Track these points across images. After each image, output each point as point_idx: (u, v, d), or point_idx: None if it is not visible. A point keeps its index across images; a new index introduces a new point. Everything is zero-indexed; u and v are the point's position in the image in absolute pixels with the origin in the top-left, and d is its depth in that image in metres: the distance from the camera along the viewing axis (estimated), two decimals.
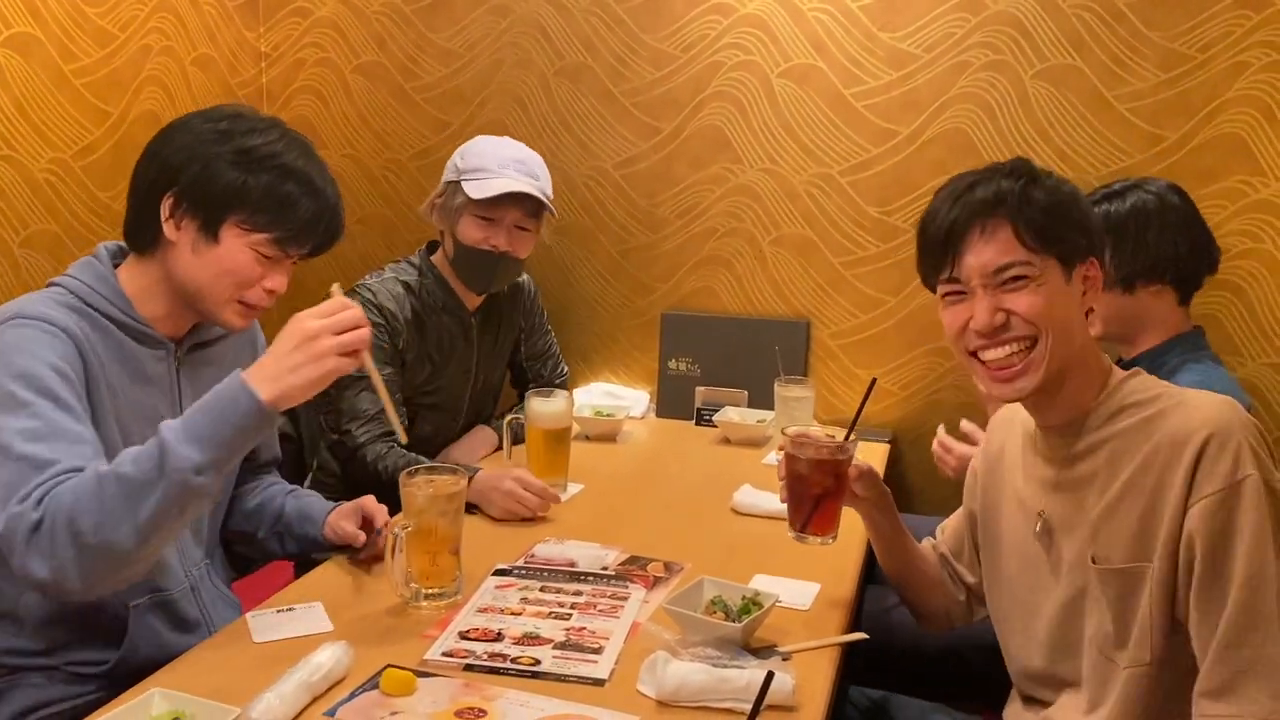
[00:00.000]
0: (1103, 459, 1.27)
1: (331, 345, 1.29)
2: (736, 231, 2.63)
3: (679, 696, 1.23)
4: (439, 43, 2.77)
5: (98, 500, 1.21)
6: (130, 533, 1.22)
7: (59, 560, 1.21)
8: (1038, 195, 1.27)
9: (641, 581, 1.60)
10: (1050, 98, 2.35)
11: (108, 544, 1.21)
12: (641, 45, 2.62)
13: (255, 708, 1.15)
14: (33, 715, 1.39)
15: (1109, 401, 1.28)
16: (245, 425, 1.26)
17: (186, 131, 1.42)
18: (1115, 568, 1.24)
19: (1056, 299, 1.26)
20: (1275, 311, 2.25)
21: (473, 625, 1.44)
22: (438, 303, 2.19)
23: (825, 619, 1.50)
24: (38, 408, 1.28)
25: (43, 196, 2.27)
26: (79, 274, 1.44)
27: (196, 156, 1.40)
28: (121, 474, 1.23)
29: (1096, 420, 1.28)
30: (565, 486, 2.02)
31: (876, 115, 2.47)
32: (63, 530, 1.21)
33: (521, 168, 2.12)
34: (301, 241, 1.46)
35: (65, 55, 2.29)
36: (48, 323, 1.34)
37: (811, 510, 1.51)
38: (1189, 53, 2.25)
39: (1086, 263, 1.29)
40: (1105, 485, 1.26)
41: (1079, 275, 1.28)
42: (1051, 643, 1.35)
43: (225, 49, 2.76)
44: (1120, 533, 1.24)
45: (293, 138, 1.46)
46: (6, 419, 1.27)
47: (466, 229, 2.12)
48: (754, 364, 2.55)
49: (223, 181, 1.39)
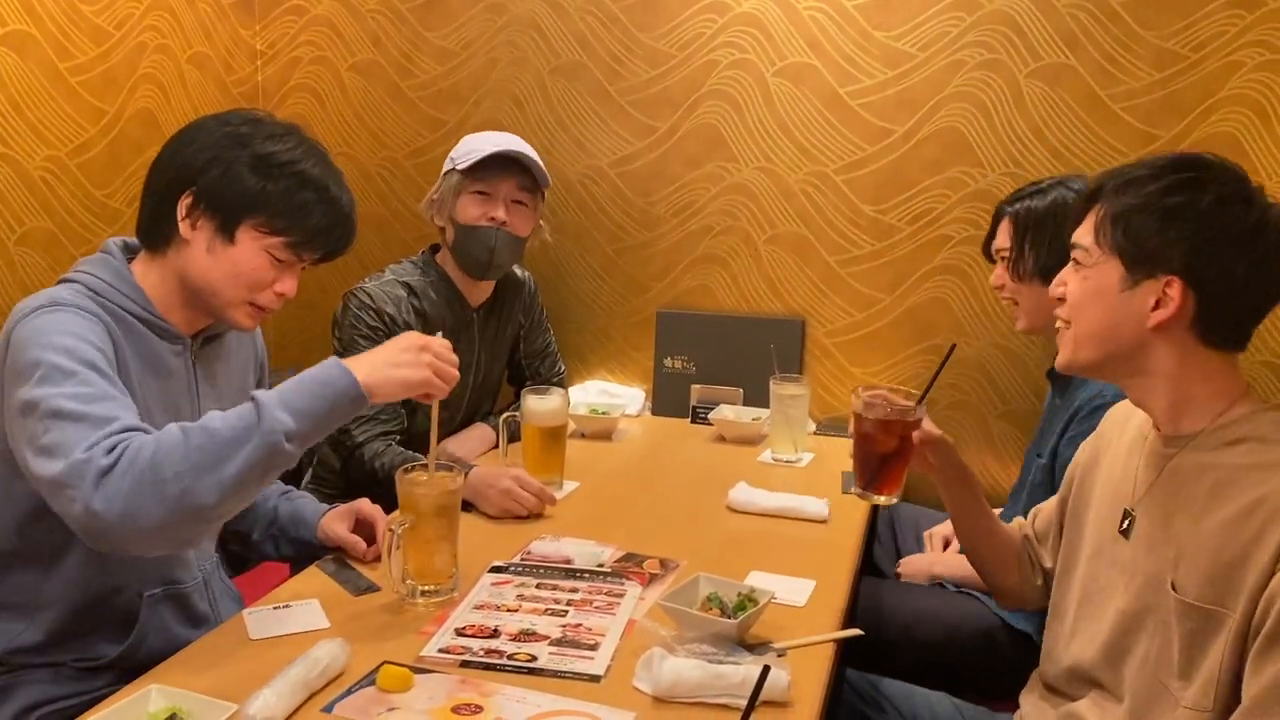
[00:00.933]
0: (1206, 485, 1.22)
1: (432, 360, 1.40)
2: (732, 230, 2.64)
3: (675, 693, 1.24)
4: (435, 41, 2.77)
5: (183, 449, 1.22)
6: (213, 486, 1.22)
7: (131, 505, 1.19)
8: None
9: (637, 578, 1.61)
10: (1044, 97, 2.36)
11: (188, 493, 1.21)
12: (637, 44, 2.62)
13: (252, 704, 1.15)
14: (37, 712, 1.40)
15: (1229, 427, 1.23)
16: (339, 403, 1.31)
17: (207, 133, 1.44)
18: (1195, 604, 1.19)
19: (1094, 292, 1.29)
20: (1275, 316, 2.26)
21: (469, 622, 1.44)
22: (442, 300, 2.20)
23: (821, 615, 1.50)
24: (85, 375, 1.29)
25: (38, 194, 2.27)
26: (96, 270, 1.45)
27: (218, 159, 1.42)
28: (211, 428, 1.24)
29: (1209, 442, 1.24)
30: (561, 484, 2.03)
31: (871, 114, 2.48)
32: (144, 473, 1.20)
33: (506, 141, 2.17)
34: (316, 247, 1.49)
35: (61, 53, 2.29)
36: (79, 308, 1.37)
37: (878, 469, 1.51)
38: (1182, 52, 2.26)
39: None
40: (1202, 513, 1.21)
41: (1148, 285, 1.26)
42: (1106, 646, 1.32)
43: (221, 47, 2.76)
44: (1204, 568, 1.19)
45: (310, 145, 1.48)
46: (56, 388, 1.27)
47: (464, 209, 2.14)
48: (749, 362, 2.56)
49: (242, 185, 1.42)
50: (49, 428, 1.25)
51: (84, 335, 1.34)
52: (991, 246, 2.12)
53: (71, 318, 1.35)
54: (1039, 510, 1.60)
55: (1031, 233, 1.98)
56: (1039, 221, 1.98)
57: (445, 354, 1.43)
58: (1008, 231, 2.03)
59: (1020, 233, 2.00)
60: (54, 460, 1.22)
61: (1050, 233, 1.95)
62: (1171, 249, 1.22)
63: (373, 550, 1.64)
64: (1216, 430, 1.24)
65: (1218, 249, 1.22)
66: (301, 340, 2.98)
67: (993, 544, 1.58)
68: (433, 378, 1.40)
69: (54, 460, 1.22)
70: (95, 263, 1.47)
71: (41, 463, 1.24)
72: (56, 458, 1.22)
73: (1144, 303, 1.24)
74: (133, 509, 1.19)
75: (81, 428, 1.24)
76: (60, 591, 1.42)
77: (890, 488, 1.53)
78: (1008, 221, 2.04)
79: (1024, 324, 2.05)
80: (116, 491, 1.19)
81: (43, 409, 1.26)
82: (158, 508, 1.20)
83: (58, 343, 1.31)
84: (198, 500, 1.21)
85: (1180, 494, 1.25)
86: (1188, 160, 1.28)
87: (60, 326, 1.33)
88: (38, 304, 1.37)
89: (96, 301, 1.41)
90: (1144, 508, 1.30)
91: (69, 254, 2.33)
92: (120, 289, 1.44)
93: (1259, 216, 1.23)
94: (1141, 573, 1.28)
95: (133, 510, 1.19)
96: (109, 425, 1.25)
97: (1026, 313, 2.03)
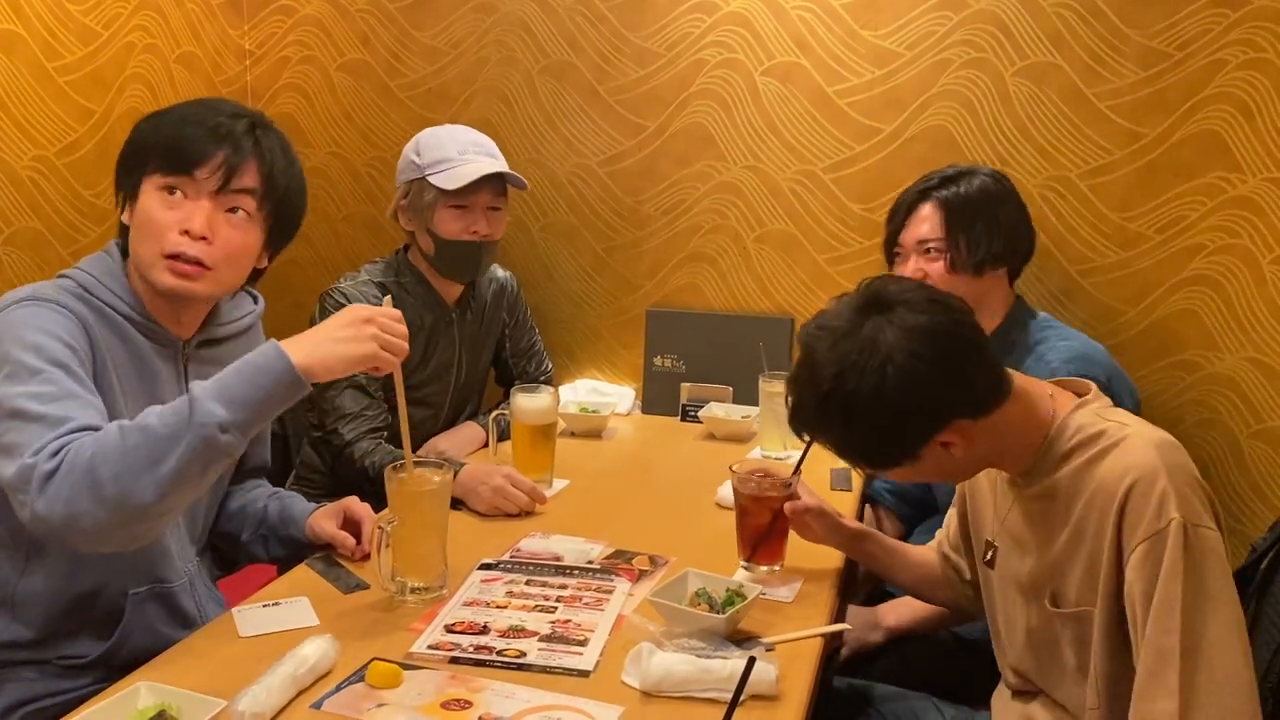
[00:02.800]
0: (1061, 500, 1.27)
1: (376, 332, 1.34)
2: (721, 228, 2.65)
3: (663, 687, 1.24)
4: (423, 40, 2.77)
5: (119, 450, 1.21)
6: (150, 485, 1.21)
7: (74, 506, 1.20)
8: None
9: (627, 574, 1.61)
10: (1031, 95, 2.37)
11: (126, 494, 1.21)
12: (625, 43, 2.63)
13: (241, 701, 1.16)
14: (22, 710, 1.40)
15: (1057, 443, 1.27)
16: (276, 388, 1.28)
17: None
18: (1069, 611, 1.26)
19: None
20: (1252, 306, 2.28)
21: (459, 619, 1.45)
22: (418, 300, 2.20)
23: (808, 611, 1.51)
24: (50, 374, 1.29)
25: (26, 194, 2.26)
26: (89, 267, 1.45)
27: (130, 140, 1.44)
28: (145, 425, 1.23)
29: (1048, 465, 1.28)
30: (551, 482, 2.03)
31: (859, 112, 2.49)
32: (81, 476, 1.20)
33: (481, 149, 2.16)
34: (184, 159, 1.40)
35: (48, 52, 2.28)
36: (58, 304, 1.36)
37: (757, 541, 1.61)
38: (1167, 50, 2.27)
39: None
40: (1058, 529, 1.27)
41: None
42: (1031, 656, 1.37)
43: (209, 47, 2.76)
44: (1071, 576, 1.26)
45: (223, 99, 1.50)
46: (19, 386, 1.27)
47: (443, 223, 2.13)
48: (738, 360, 2.56)
49: (135, 143, 1.43)
50: (9, 428, 1.26)
51: (55, 332, 1.33)
52: (903, 237, 2.06)
53: (47, 313, 1.34)
54: (948, 523, 1.62)
55: (966, 223, 1.96)
56: (972, 210, 1.96)
57: (392, 325, 1.37)
58: (937, 219, 2.00)
59: (953, 221, 1.97)
60: (10, 461, 1.24)
61: (984, 224, 1.94)
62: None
63: (360, 549, 1.64)
64: (1047, 451, 1.28)
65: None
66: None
67: (917, 576, 1.64)
68: (379, 351, 1.35)
69: (10, 461, 1.24)
70: (92, 260, 1.47)
71: (1, 462, 1.25)
72: (12, 459, 1.23)
73: None
74: (74, 511, 1.20)
75: (36, 429, 1.24)
76: (41, 587, 1.41)
77: (770, 558, 1.62)
78: (934, 207, 2.00)
79: None
80: (57, 495, 1.20)
81: (4, 407, 1.26)
82: (98, 509, 1.21)
83: (28, 339, 1.31)
84: (137, 500, 1.22)
85: (1040, 515, 1.31)
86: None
87: (34, 322, 1.33)
88: (18, 297, 1.37)
89: (81, 298, 1.40)
90: (1009, 534, 1.36)
91: (57, 254, 2.33)
92: (110, 287, 1.43)
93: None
94: (1029, 590, 1.34)
95: (74, 513, 1.20)
96: (62, 426, 1.24)
97: None
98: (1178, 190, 2.29)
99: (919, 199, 2.05)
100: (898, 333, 1.19)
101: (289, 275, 2.95)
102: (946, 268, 1.99)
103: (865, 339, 1.19)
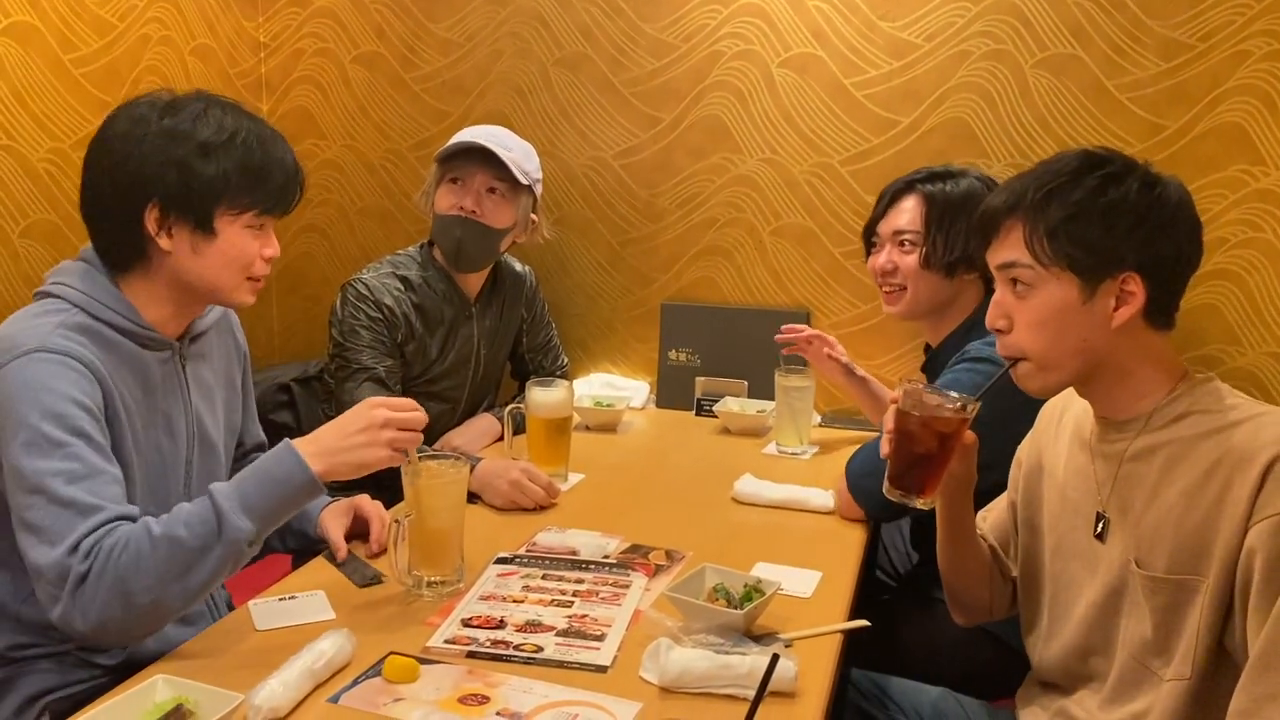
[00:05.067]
0: (1159, 462, 1.24)
1: (392, 436, 1.38)
2: (737, 222, 2.63)
3: (681, 683, 1.23)
4: (438, 33, 2.77)
5: (152, 563, 1.26)
6: (179, 593, 1.28)
7: (103, 617, 1.25)
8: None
9: (643, 569, 1.60)
10: (1051, 87, 2.35)
11: (157, 603, 1.27)
12: (641, 35, 2.61)
13: (258, 694, 1.15)
14: (41, 700, 1.40)
15: (1175, 404, 1.25)
16: (298, 498, 1.35)
17: (137, 141, 1.39)
18: (1164, 577, 1.22)
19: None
20: (1275, 301, 2.25)
21: (475, 613, 1.44)
22: (439, 293, 2.19)
23: (827, 607, 1.50)
24: (72, 449, 1.29)
25: (42, 186, 2.27)
26: (79, 285, 1.41)
27: (167, 163, 1.38)
28: (175, 537, 1.27)
29: (1159, 420, 1.26)
30: (566, 476, 2.03)
31: (877, 105, 2.47)
32: (112, 588, 1.24)
33: (488, 134, 2.16)
34: (283, 201, 1.48)
35: (64, 45, 2.28)
36: (69, 357, 1.33)
37: (922, 470, 1.38)
38: (1189, 42, 2.24)
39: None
40: (1157, 489, 1.24)
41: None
42: (1083, 638, 1.34)
43: (224, 39, 2.75)
44: (1169, 540, 1.22)
45: (222, 104, 1.46)
46: (44, 461, 1.28)
47: (440, 198, 2.16)
48: (754, 354, 2.55)
49: (202, 179, 1.39)
50: (33, 504, 1.27)
51: (71, 394, 1.31)
52: (880, 225, 2.04)
53: (61, 371, 1.32)
54: (986, 518, 1.57)
55: (947, 222, 1.93)
56: (953, 209, 1.93)
57: (406, 419, 1.40)
58: (917, 213, 1.97)
59: (934, 219, 1.94)
60: (38, 545, 1.26)
61: (964, 224, 1.89)
62: (1123, 246, 1.23)
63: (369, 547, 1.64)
64: (1160, 410, 1.26)
65: (1161, 233, 1.24)
66: (306, 332, 2.98)
67: (972, 559, 1.52)
68: (392, 456, 1.39)
69: (38, 545, 1.26)
70: (77, 275, 1.42)
71: (26, 539, 1.28)
72: (40, 543, 1.26)
73: (1105, 307, 1.25)
74: (103, 620, 1.25)
75: (66, 516, 1.26)
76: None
77: (930, 490, 1.40)
78: (918, 201, 1.98)
79: (904, 310, 2.01)
80: (90, 604, 1.24)
81: (30, 482, 1.27)
82: (127, 617, 1.26)
83: (46, 405, 1.29)
84: (166, 607, 1.28)
85: (1134, 476, 1.27)
86: (1093, 157, 1.29)
87: (49, 382, 1.30)
88: (24, 347, 1.32)
89: (83, 328, 1.37)
90: (1114, 504, 1.31)
91: (72, 246, 2.33)
92: (106, 303, 1.40)
93: (1174, 192, 1.26)
94: (1105, 560, 1.30)
95: (103, 620, 1.25)
96: (92, 517, 1.27)
97: (914, 300, 1.99)
98: (1200, 184, 2.26)
99: (904, 189, 2.03)
100: (1176, 180, 1.27)
101: (304, 269, 2.95)
102: (919, 261, 1.97)
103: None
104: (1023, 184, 1.29)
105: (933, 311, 2.03)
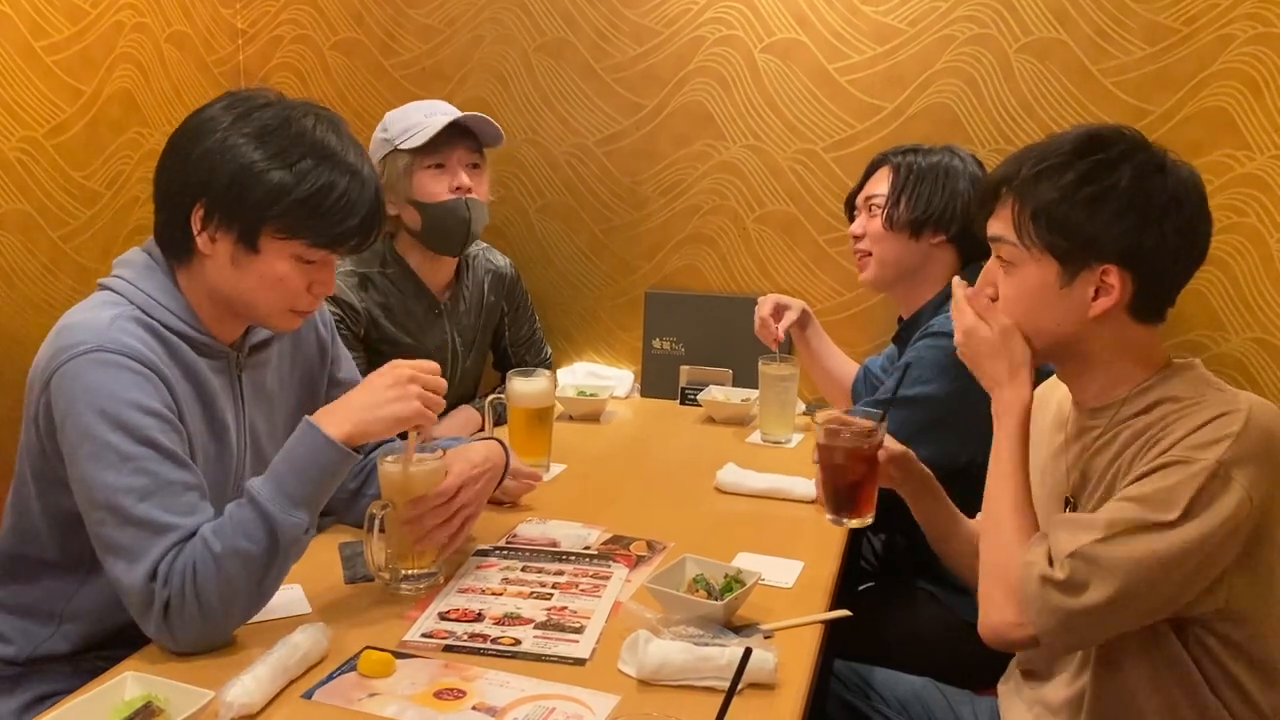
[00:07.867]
0: (1115, 449, 1.24)
1: (420, 390, 1.37)
2: (720, 209, 2.61)
3: (660, 675, 1.22)
4: (418, 19, 2.73)
5: (223, 581, 1.26)
6: (258, 595, 1.31)
7: (193, 638, 1.27)
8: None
9: (624, 560, 1.59)
10: (1035, 72, 2.33)
11: (242, 610, 1.30)
12: (623, 20, 2.58)
13: (230, 691, 1.14)
14: (50, 700, 1.36)
15: (1146, 394, 1.24)
16: (336, 471, 1.34)
17: (206, 134, 1.34)
18: None
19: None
20: (1259, 286, 2.25)
21: (453, 606, 1.43)
22: (404, 291, 2.15)
23: (808, 597, 1.49)
24: (141, 461, 1.26)
25: (14, 175, 2.23)
26: (142, 284, 1.37)
27: (222, 164, 1.32)
28: (238, 550, 1.26)
29: (1129, 409, 1.25)
30: (548, 467, 2.01)
31: (861, 90, 2.45)
32: (196, 614, 1.25)
33: (449, 111, 2.11)
34: (341, 241, 1.38)
35: (36, 31, 2.24)
36: (131, 358, 1.29)
37: (848, 494, 1.49)
38: (1174, 25, 2.23)
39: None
40: (1114, 478, 1.24)
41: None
42: None
43: (201, 26, 2.71)
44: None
45: (320, 119, 1.37)
46: (113, 476, 1.25)
47: (423, 187, 2.09)
48: (738, 343, 2.53)
49: (255, 192, 1.32)
50: (105, 520, 1.26)
51: (138, 401, 1.28)
52: (858, 196, 2.12)
53: (125, 376, 1.28)
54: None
55: (912, 184, 1.99)
56: (920, 175, 2.00)
57: (433, 380, 1.39)
58: (886, 179, 2.04)
59: (900, 182, 2.00)
60: (116, 562, 1.27)
61: (929, 188, 1.98)
62: (1104, 237, 1.21)
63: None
64: (1130, 399, 1.25)
65: (1147, 226, 1.21)
66: None
67: (967, 547, 1.51)
68: (424, 410, 1.37)
69: (116, 562, 1.27)
70: (141, 273, 1.39)
71: (104, 554, 1.29)
72: (119, 560, 1.26)
73: (1083, 295, 1.23)
74: (195, 640, 1.28)
75: (141, 536, 1.26)
76: (91, 604, 1.41)
77: (867, 509, 1.51)
78: (888, 170, 2.05)
79: (872, 275, 2.06)
80: (179, 630, 1.26)
81: (99, 497, 1.26)
82: (215, 626, 1.29)
83: (111, 413, 1.26)
84: (250, 609, 1.32)
85: (1095, 465, 1.28)
86: (1093, 138, 1.26)
87: (110, 389, 1.27)
88: (83, 345, 1.28)
89: (145, 325, 1.33)
90: (1079, 490, 1.32)
91: (47, 236, 2.30)
92: (167, 305, 1.37)
93: (1175, 180, 1.23)
94: None
95: (195, 641, 1.28)
96: (166, 537, 1.26)
97: (880, 263, 2.04)
98: None
99: (880, 161, 2.10)
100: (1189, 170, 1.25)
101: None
102: (883, 222, 2.02)
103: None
104: (1021, 158, 1.28)
105: (901, 278, 2.06)
